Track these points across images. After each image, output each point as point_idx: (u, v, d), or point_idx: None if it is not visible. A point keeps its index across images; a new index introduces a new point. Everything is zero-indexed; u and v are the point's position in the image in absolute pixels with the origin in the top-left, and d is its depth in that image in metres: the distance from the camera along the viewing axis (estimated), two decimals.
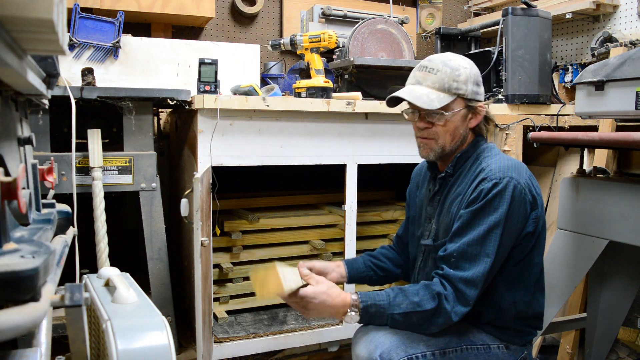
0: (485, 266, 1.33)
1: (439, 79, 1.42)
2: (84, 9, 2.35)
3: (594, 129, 2.38)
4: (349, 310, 1.35)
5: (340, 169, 2.19)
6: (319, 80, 2.14)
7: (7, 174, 0.79)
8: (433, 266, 1.49)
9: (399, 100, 1.51)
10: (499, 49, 2.48)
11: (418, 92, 1.44)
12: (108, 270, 1.25)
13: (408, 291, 1.36)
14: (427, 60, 1.47)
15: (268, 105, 1.97)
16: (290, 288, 1.31)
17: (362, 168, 2.20)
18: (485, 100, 1.52)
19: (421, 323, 1.35)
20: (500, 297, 1.43)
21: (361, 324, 1.49)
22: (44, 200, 1.12)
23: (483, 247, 1.33)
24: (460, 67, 1.43)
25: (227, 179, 2.08)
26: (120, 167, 1.94)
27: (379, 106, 2.16)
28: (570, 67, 2.87)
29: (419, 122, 1.48)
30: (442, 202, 1.51)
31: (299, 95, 2.18)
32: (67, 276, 1.15)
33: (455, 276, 1.33)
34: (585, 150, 2.27)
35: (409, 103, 1.44)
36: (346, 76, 2.37)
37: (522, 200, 1.36)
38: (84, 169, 1.88)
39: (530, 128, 2.39)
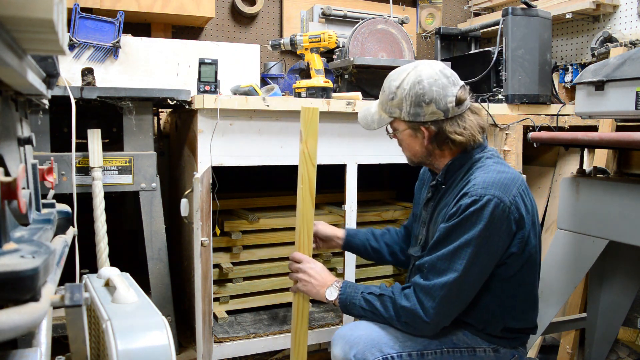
0: (447, 279, 1.30)
1: (381, 100, 1.48)
2: (84, 9, 2.35)
3: (594, 129, 2.38)
4: (331, 284, 1.50)
5: (340, 169, 2.19)
6: (319, 80, 2.14)
7: (7, 174, 0.79)
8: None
9: None
10: (499, 49, 2.48)
11: (369, 110, 1.53)
12: (108, 270, 1.25)
13: (384, 287, 1.46)
14: (388, 76, 1.48)
15: (268, 105, 1.97)
16: None
17: (362, 168, 2.20)
18: (445, 117, 1.38)
19: (389, 313, 1.38)
20: (487, 312, 1.41)
21: (340, 317, 1.55)
22: (44, 200, 1.12)
23: (451, 263, 1.31)
24: (397, 90, 1.40)
25: (227, 179, 2.08)
26: (120, 167, 1.94)
27: None
28: (570, 67, 2.86)
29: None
30: (433, 211, 1.51)
31: (299, 95, 2.18)
32: (67, 276, 1.15)
33: (419, 284, 1.35)
34: (585, 150, 2.27)
35: None
36: (346, 76, 2.37)
37: (505, 218, 1.31)
38: (84, 169, 1.88)
39: (530, 128, 2.38)
